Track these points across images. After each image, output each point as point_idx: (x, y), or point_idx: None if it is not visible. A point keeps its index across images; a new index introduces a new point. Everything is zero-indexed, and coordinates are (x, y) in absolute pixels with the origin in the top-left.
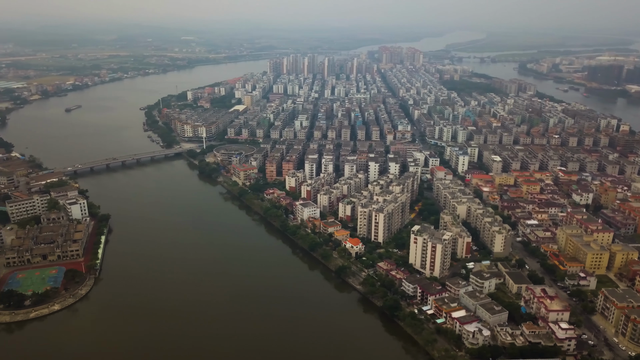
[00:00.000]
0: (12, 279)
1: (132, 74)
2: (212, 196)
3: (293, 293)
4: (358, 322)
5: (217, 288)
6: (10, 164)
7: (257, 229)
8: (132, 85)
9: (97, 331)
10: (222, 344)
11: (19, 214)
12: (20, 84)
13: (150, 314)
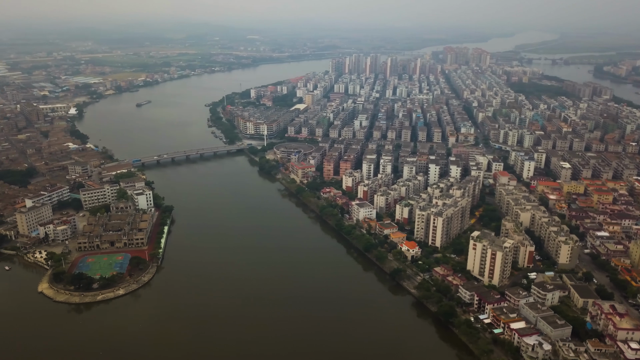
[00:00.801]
0: (83, 263)
1: (199, 71)
2: (271, 192)
3: (346, 293)
4: (411, 326)
5: (271, 284)
6: (84, 154)
7: (313, 227)
8: (198, 82)
9: (157, 317)
10: (272, 340)
11: (91, 201)
12: (96, 80)
13: (206, 304)
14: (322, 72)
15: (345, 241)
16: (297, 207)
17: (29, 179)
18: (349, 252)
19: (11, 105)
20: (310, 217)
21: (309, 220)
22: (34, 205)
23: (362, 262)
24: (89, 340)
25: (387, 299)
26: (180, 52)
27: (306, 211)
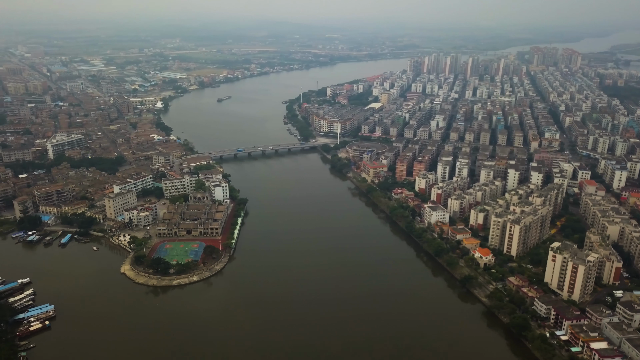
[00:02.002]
0: (161, 248)
1: (278, 68)
2: (341, 191)
3: (414, 297)
4: (481, 336)
5: (337, 281)
6: (168, 146)
7: (382, 228)
8: (277, 79)
9: (227, 305)
10: (335, 336)
11: (172, 191)
12: (182, 75)
13: (275, 296)
14: (400, 72)
15: (415, 244)
16: (367, 207)
17: (118, 166)
18: (419, 256)
19: (105, 98)
20: (379, 218)
21: (379, 220)
22: (121, 192)
23: (431, 267)
24: (163, 322)
25: (456, 306)
26: (261, 50)
27: (376, 211)
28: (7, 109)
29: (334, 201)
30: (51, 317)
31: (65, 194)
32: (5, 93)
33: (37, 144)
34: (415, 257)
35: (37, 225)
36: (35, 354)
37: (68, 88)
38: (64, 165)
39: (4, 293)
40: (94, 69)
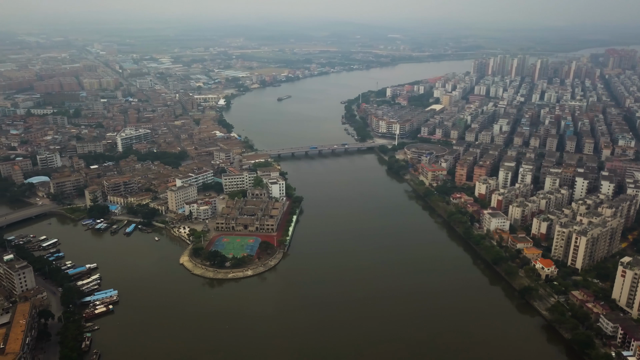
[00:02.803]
0: (219, 242)
1: (338, 68)
2: (397, 193)
3: (469, 305)
4: (539, 350)
5: (390, 284)
6: (229, 142)
7: (439, 232)
8: (336, 79)
9: (280, 301)
10: (385, 340)
11: (231, 186)
12: (244, 74)
13: (327, 294)
14: (463, 73)
15: (472, 251)
16: (424, 211)
17: (181, 161)
18: (476, 263)
19: (171, 94)
20: (436, 222)
21: (435, 225)
22: (183, 185)
23: (489, 275)
24: (217, 313)
25: (513, 317)
26: (322, 50)
27: (433, 215)
28: (82, 104)
29: (390, 203)
30: (114, 302)
31: (131, 186)
32: (81, 88)
33: (108, 137)
34: (471, 264)
35: (105, 214)
36: (99, 335)
37: (138, 84)
38: (131, 158)
39: (74, 276)
40: (162, 66)
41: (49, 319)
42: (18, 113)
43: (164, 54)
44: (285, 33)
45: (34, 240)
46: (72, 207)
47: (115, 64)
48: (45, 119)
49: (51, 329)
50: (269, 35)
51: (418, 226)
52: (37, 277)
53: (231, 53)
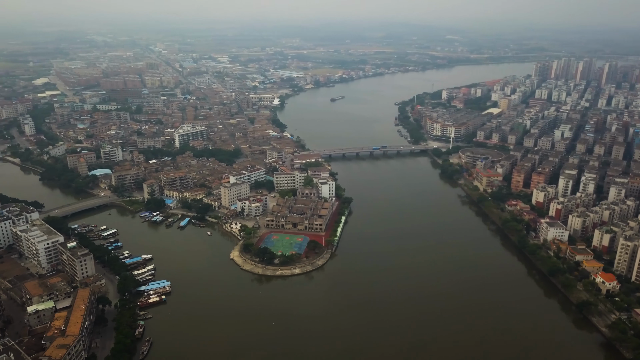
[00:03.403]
0: (268, 239)
1: (393, 69)
2: (450, 198)
3: (522, 317)
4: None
5: (438, 291)
6: (281, 142)
7: (491, 240)
8: (391, 80)
9: (327, 300)
10: (433, 346)
11: (282, 185)
12: (299, 74)
13: (373, 296)
14: (523, 76)
15: (527, 261)
16: (477, 217)
17: (235, 158)
18: (530, 274)
19: (228, 93)
20: (490, 229)
21: (489, 232)
22: (236, 182)
23: (544, 287)
24: (265, 309)
25: (570, 332)
26: (377, 51)
27: (486, 222)
28: (144, 100)
29: (441, 208)
30: (167, 292)
31: (186, 181)
32: (143, 86)
33: (167, 133)
34: (526, 274)
35: (161, 207)
36: (152, 324)
37: (196, 83)
38: (187, 154)
39: (130, 266)
40: (219, 65)
41: (106, 305)
42: (85, 108)
43: (222, 54)
44: (341, 34)
45: (95, 229)
46: (131, 200)
47: (176, 63)
48: (110, 115)
49: (108, 315)
50: (324, 36)
51: (470, 232)
52: (97, 265)
53: (287, 53)
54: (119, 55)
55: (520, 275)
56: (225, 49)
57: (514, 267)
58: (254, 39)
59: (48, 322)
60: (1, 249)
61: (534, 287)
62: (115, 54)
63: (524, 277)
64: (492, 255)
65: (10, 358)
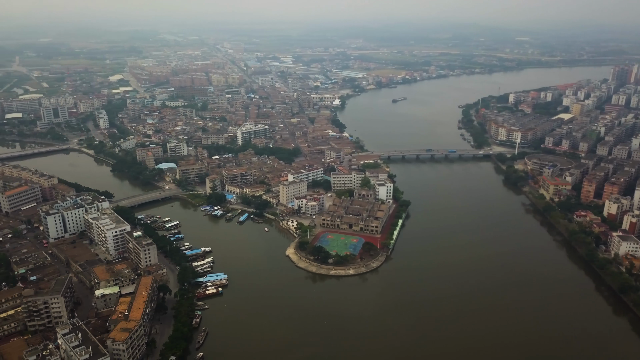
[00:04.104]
0: (323, 238)
1: (458, 72)
2: (513, 205)
3: (589, 336)
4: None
5: (498, 305)
6: (340, 142)
7: (557, 252)
8: (455, 82)
9: (378, 303)
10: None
11: (339, 185)
12: (361, 75)
13: (427, 301)
14: (599, 81)
15: (595, 275)
16: (542, 227)
17: (294, 157)
18: (598, 289)
19: (290, 93)
20: (555, 240)
21: (554, 243)
22: (294, 181)
23: (613, 304)
24: (317, 307)
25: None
26: (442, 52)
27: (551, 232)
28: (209, 98)
29: (504, 216)
30: (224, 285)
31: (247, 177)
32: (209, 84)
33: (230, 131)
34: (593, 290)
35: (222, 202)
36: (208, 315)
37: (260, 82)
38: (249, 151)
39: (190, 257)
40: (283, 65)
41: (167, 293)
42: (155, 104)
43: (285, 53)
44: (405, 35)
45: (159, 220)
46: (193, 193)
47: (241, 62)
48: (177, 111)
49: (167, 303)
50: (388, 37)
51: (534, 243)
52: (159, 254)
53: (350, 54)
54: (188, 54)
55: (587, 290)
56: (289, 49)
57: (580, 282)
58: (317, 39)
59: (113, 306)
60: (74, 235)
61: (602, 303)
62: (185, 52)
63: (591, 292)
64: (557, 267)
65: (78, 337)
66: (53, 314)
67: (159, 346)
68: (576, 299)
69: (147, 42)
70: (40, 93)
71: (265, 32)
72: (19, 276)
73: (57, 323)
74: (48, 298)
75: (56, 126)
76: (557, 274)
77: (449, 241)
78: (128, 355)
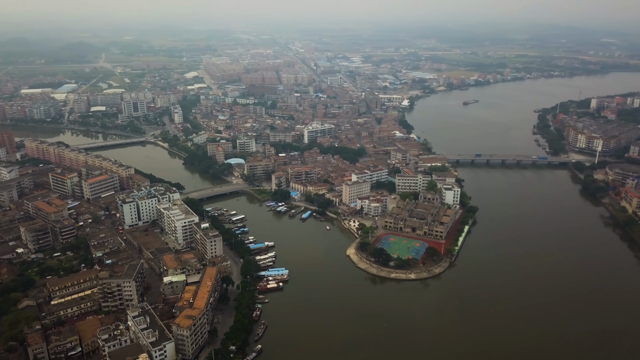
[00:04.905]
0: (385, 240)
1: (535, 74)
2: (590, 218)
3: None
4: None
5: (563, 317)
6: (407, 143)
7: (638, 270)
8: (532, 86)
9: (439, 310)
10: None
11: (404, 187)
12: (431, 76)
13: (489, 312)
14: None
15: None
16: (622, 242)
17: (359, 157)
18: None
19: (358, 93)
20: (637, 257)
21: (635, 260)
22: (358, 181)
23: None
24: (376, 309)
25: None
26: (519, 54)
27: (633, 248)
28: (278, 96)
29: (580, 228)
30: (284, 280)
31: (312, 175)
32: (279, 82)
33: (297, 129)
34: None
35: (286, 199)
36: (268, 308)
37: (328, 81)
38: (314, 150)
39: (254, 251)
40: (352, 65)
41: (230, 285)
42: (226, 101)
43: (355, 53)
44: (480, 35)
45: (226, 213)
46: (259, 189)
47: (311, 61)
48: (247, 108)
49: (230, 294)
50: (462, 37)
51: (612, 259)
52: (225, 246)
53: (421, 54)
54: (260, 53)
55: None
56: (359, 49)
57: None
58: (388, 39)
59: (179, 294)
60: (147, 223)
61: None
62: (257, 51)
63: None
64: (638, 287)
65: (147, 320)
66: (125, 296)
67: (220, 335)
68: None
69: (222, 40)
70: (122, 88)
71: (337, 32)
72: (96, 259)
73: (128, 305)
74: (121, 281)
75: (135, 119)
76: (638, 294)
77: (518, 252)
78: (191, 341)
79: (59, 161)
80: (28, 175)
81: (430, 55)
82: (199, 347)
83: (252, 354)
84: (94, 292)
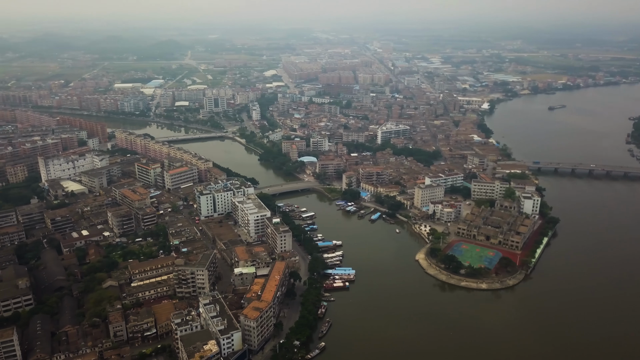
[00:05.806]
0: (457, 247)
1: (633, 79)
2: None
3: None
4: None
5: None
6: (485, 148)
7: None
8: (628, 91)
9: (512, 324)
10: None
11: (479, 193)
12: (515, 78)
13: (566, 328)
14: None
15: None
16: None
17: (433, 160)
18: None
19: (435, 94)
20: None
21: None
22: (431, 184)
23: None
24: (444, 317)
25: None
26: (614, 57)
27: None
28: (354, 96)
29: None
30: (351, 280)
31: (383, 177)
32: (355, 82)
33: (370, 129)
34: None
35: (356, 199)
36: (333, 307)
37: (405, 82)
38: (387, 151)
39: (322, 249)
40: (431, 66)
41: (297, 280)
42: (302, 100)
43: (435, 54)
44: (570, 36)
45: (296, 210)
46: (330, 187)
47: (389, 62)
48: (322, 107)
49: (297, 290)
50: (551, 39)
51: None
52: (294, 242)
53: (504, 56)
54: (338, 52)
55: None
56: (438, 50)
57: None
58: (470, 40)
59: (248, 285)
60: (222, 215)
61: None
62: (335, 50)
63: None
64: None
65: (217, 309)
66: (198, 284)
67: (285, 329)
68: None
69: (301, 39)
70: (204, 84)
71: (416, 32)
72: (174, 247)
73: (200, 293)
74: (195, 269)
75: (215, 115)
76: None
77: (602, 269)
78: (257, 332)
79: (144, 152)
80: (117, 164)
81: (514, 57)
82: (265, 339)
83: (316, 350)
84: (170, 277)
